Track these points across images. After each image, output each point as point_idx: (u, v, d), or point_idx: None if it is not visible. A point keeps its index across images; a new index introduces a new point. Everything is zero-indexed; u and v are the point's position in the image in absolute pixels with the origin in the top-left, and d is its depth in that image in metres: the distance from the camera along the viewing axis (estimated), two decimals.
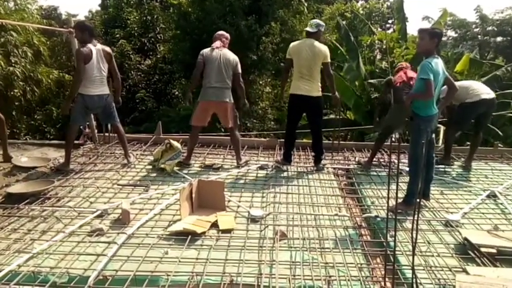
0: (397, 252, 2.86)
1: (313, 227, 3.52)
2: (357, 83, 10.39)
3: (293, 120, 5.12)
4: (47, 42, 11.99)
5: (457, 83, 4.27)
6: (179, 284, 2.61)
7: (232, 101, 4.97)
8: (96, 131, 6.03)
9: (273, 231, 3.35)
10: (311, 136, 5.22)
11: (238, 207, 3.89)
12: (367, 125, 8.97)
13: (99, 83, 4.68)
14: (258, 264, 2.87)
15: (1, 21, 8.92)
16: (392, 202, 3.32)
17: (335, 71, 5.94)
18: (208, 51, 4.85)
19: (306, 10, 14.12)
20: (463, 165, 5.37)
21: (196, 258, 2.91)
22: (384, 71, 10.43)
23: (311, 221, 3.67)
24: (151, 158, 5.20)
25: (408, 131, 5.24)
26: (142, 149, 5.78)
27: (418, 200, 3.13)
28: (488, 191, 4.47)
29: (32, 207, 3.76)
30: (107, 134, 5.94)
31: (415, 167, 3.81)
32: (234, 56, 4.93)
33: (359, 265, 2.91)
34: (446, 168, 5.26)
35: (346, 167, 5.31)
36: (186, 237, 3.17)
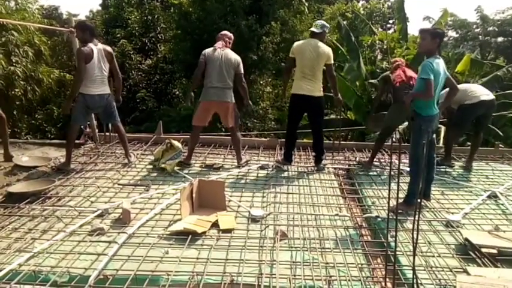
0: (397, 253, 2.86)
1: (314, 227, 3.51)
2: (357, 83, 10.38)
3: (294, 120, 5.12)
4: (48, 42, 12.02)
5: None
6: (180, 283, 2.61)
7: (234, 101, 4.97)
8: (96, 130, 6.04)
9: (273, 231, 3.35)
10: (312, 136, 5.21)
11: (238, 207, 3.89)
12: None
13: (100, 82, 4.68)
14: (258, 264, 2.87)
15: (2, 20, 8.94)
16: (393, 202, 3.33)
17: (335, 71, 5.93)
18: (210, 51, 4.85)
19: (306, 10, 14.13)
20: (464, 166, 5.38)
21: (197, 258, 2.91)
22: (385, 71, 10.39)
23: (312, 221, 3.67)
24: (151, 157, 5.20)
25: (409, 131, 5.22)
26: (143, 148, 5.79)
27: (418, 200, 3.12)
28: (489, 191, 4.46)
29: (32, 206, 3.77)
30: (107, 133, 5.95)
31: (415, 167, 3.80)
32: (236, 56, 4.92)
33: (360, 265, 2.91)
34: (447, 169, 5.26)
35: (346, 167, 5.32)
36: (186, 237, 3.17)
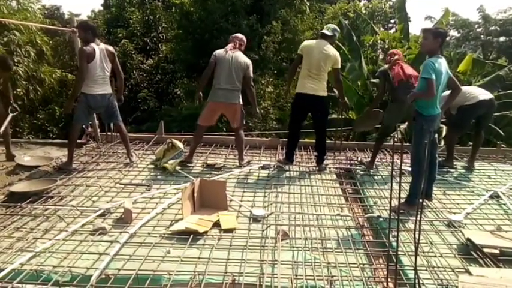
0: (399, 253, 2.85)
1: (315, 227, 3.51)
2: (359, 83, 10.37)
3: (297, 120, 5.10)
4: (50, 42, 12.04)
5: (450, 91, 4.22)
6: (181, 283, 2.61)
7: (241, 103, 4.97)
8: (98, 130, 6.04)
9: (275, 231, 3.35)
10: (314, 136, 5.20)
11: (240, 206, 3.89)
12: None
13: (101, 82, 4.69)
14: (260, 263, 2.87)
15: (4, 20, 8.96)
16: (394, 202, 3.32)
17: None
18: (221, 52, 4.86)
19: (308, 10, 14.13)
20: (466, 166, 5.36)
21: (198, 258, 2.91)
22: None
23: (313, 220, 3.67)
24: (153, 157, 5.20)
25: (410, 131, 5.20)
26: (145, 148, 5.80)
27: (420, 200, 3.11)
28: (491, 191, 4.45)
29: (34, 206, 3.77)
30: (109, 133, 5.96)
31: (417, 167, 3.80)
32: (247, 59, 4.92)
33: (361, 265, 2.90)
34: (449, 169, 5.25)
35: (348, 167, 5.31)
36: (188, 237, 3.18)
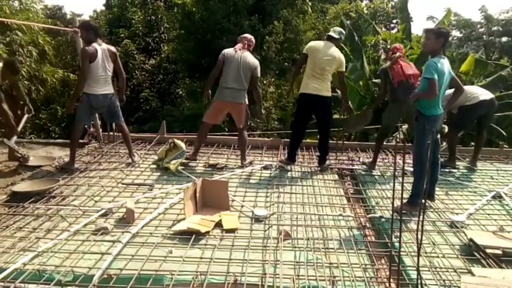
0: (401, 253, 2.85)
1: (318, 227, 3.51)
2: (361, 83, 10.36)
3: (301, 120, 5.09)
4: (52, 42, 12.05)
5: (452, 91, 4.20)
6: (183, 283, 2.61)
7: (247, 103, 4.98)
8: (100, 130, 6.05)
9: (277, 231, 3.35)
10: (316, 136, 5.20)
11: (242, 206, 3.89)
12: (372, 125, 8.94)
13: (103, 82, 4.69)
14: (262, 264, 2.87)
15: (6, 20, 8.98)
16: (397, 203, 3.32)
17: None
18: (230, 51, 4.87)
19: (309, 10, 14.11)
20: (468, 166, 5.35)
21: (201, 258, 2.91)
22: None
23: (315, 221, 3.67)
24: (155, 157, 5.21)
25: (412, 131, 5.18)
26: (147, 148, 5.80)
27: (423, 200, 3.11)
28: (494, 191, 4.45)
29: (37, 205, 3.78)
30: (111, 133, 5.97)
31: (419, 168, 3.79)
32: (255, 60, 4.93)
33: (363, 266, 2.90)
34: (452, 169, 5.24)
35: (350, 167, 5.30)
36: (190, 237, 3.18)
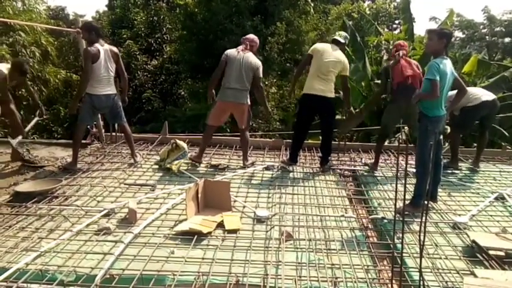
0: (404, 255, 2.84)
1: (320, 228, 3.51)
2: (363, 84, 10.34)
3: (304, 121, 5.08)
4: (55, 43, 12.09)
5: (455, 92, 4.19)
6: (185, 283, 2.62)
7: (249, 103, 4.98)
8: (103, 130, 6.07)
9: (278, 232, 3.34)
10: (317, 137, 5.19)
11: (244, 207, 3.89)
12: (374, 125, 8.93)
13: (106, 82, 4.71)
14: (264, 264, 2.87)
15: (9, 21, 9.02)
16: (399, 204, 3.31)
17: None
18: (232, 52, 4.88)
19: (312, 10, 14.11)
20: (471, 167, 5.34)
21: (202, 258, 2.92)
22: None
23: (317, 222, 3.66)
24: (157, 157, 5.22)
25: (412, 131, 5.17)
26: (149, 148, 5.81)
27: (425, 201, 3.10)
28: (497, 193, 4.43)
29: (39, 205, 3.79)
30: (113, 133, 5.98)
31: (422, 169, 3.78)
32: (257, 60, 4.93)
33: (366, 267, 2.89)
34: (454, 170, 5.23)
35: (352, 168, 5.30)
36: (192, 237, 3.18)
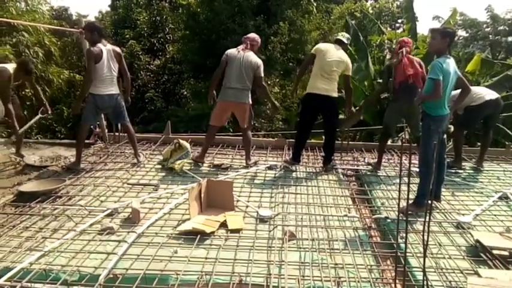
0: (407, 254, 2.84)
1: (323, 228, 3.50)
2: (366, 83, 10.32)
3: (307, 121, 5.08)
4: (58, 43, 12.13)
5: (459, 91, 4.17)
6: (188, 283, 2.62)
7: (251, 102, 4.98)
8: (106, 130, 6.09)
9: (281, 232, 3.34)
10: (320, 136, 5.19)
11: (247, 207, 3.89)
12: (377, 125, 8.91)
13: (109, 82, 4.72)
14: (267, 264, 2.87)
15: (13, 21, 9.06)
16: (402, 203, 3.30)
17: None
18: (232, 51, 4.89)
19: (314, 10, 14.08)
20: (475, 167, 5.32)
21: (206, 258, 2.92)
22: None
23: (320, 221, 3.66)
24: (160, 157, 5.23)
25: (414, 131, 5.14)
26: (152, 148, 5.82)
27: (429, 201, 3.10)
28: (500, 192, 4.41)
29: (43, 205, 3.81)
30: (117, 133, 6.00)
31: (425, 168, 3.77)
32: (257, 59, 4.93)
33: (369, 267, 2.89)
34: (458, 170, 5.21)
35: (355, 167, 5.29)
36: (195, 237, 3.18)
